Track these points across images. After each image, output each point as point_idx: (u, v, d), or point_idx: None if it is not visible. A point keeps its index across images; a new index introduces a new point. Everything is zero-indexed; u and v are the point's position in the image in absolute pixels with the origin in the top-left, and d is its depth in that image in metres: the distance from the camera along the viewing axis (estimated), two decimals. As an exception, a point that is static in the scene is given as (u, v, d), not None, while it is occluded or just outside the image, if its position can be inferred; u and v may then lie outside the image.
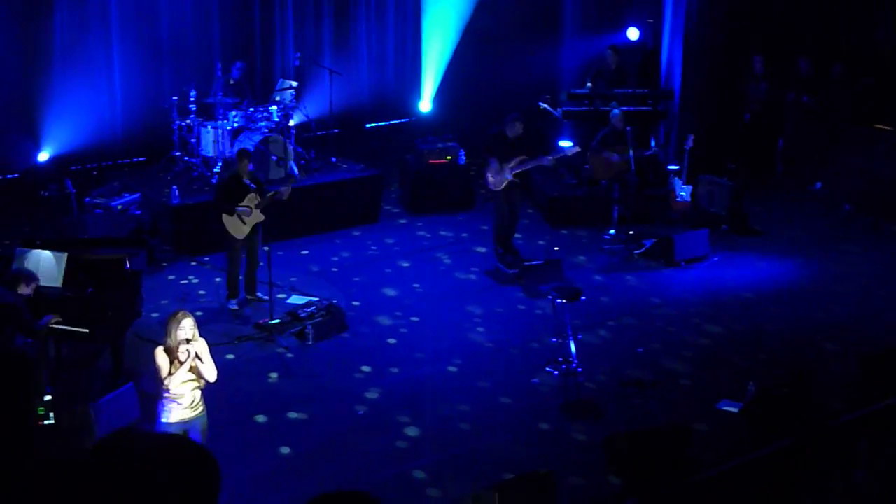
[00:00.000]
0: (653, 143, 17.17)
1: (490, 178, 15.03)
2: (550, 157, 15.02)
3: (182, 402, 8.75)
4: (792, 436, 9.61)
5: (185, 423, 8.77)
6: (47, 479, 3.27)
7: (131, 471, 3.08)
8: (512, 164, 14.77)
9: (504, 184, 14.88)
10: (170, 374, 8.69)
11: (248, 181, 13.20)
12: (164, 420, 8.77)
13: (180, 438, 3.27)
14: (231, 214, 13.11)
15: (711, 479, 9.22)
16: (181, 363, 8.70)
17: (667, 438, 9.52)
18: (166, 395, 8.73)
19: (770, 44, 18.79)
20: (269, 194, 13.30)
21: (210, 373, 8.79)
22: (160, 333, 12.40)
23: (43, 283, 10.83)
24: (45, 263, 11.01)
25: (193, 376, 8.75)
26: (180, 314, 8.85)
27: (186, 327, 8.73)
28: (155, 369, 8.71)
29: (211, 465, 3.20)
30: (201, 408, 8.89)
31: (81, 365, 11.68)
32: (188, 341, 8.71)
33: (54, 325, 10.67)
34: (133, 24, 18.09)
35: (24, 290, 10.16)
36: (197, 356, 8.73)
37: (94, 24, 17.77)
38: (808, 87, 18.53)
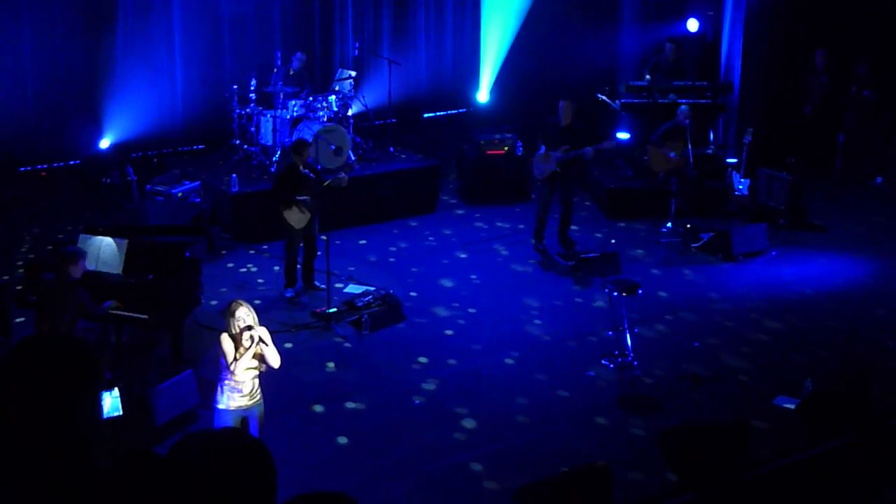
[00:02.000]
0: (710, 140, 17.04)
1: (535, 164, 15.02)
2: (591, 150, 14.93)
3: (243, 390, 8.77)
4: (850, 434, 9.52)
5: (244, 411, 8.81)
6: (116, 479, 3.27)
7: (194, 473, 3.09)
8: (558, 152, 14.74)
9: (548, 173, 14.85)
10: (235, 359, 8.67)
11: (306, 171, 13.24)
12: (222, 407, 8.78)
13: (238, 434, 3.27)
14: (290, 204, 13.16)
15: (768, 476, 9.16)
16: (246, 349, 8.70)
17: (723, 434, 9.45)
18: (227, 381, 8.74)
19: (831, 37, 18.58)
20: (327, 183, 13.32)
21: (274, 358, 8.78)
22: (219, 321, 12.56)
23: (104, 269, 10.94)
24: (107, 250, 11.11)
25: (256, 363, 8.77)
26: (233, 305, 8.82)
27: (241, 316, 8.71)
28: (220, 355, 8.69)
29: (268, 462, 3.20)
30: (259, 396, 8.92)
31: (141, 351, 11.79)
32: (250, 328, 8.72)
33: (114, 311, 10.76)
34: (195, 13, 18.23)
35: (74, 270, 10.13)
36: (261, 340, 8.74)
37: (156, 13, 17.92)
38: (869, 81, 18.31)
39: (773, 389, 11.32)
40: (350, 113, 17.19)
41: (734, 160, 17.08)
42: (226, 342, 8.68)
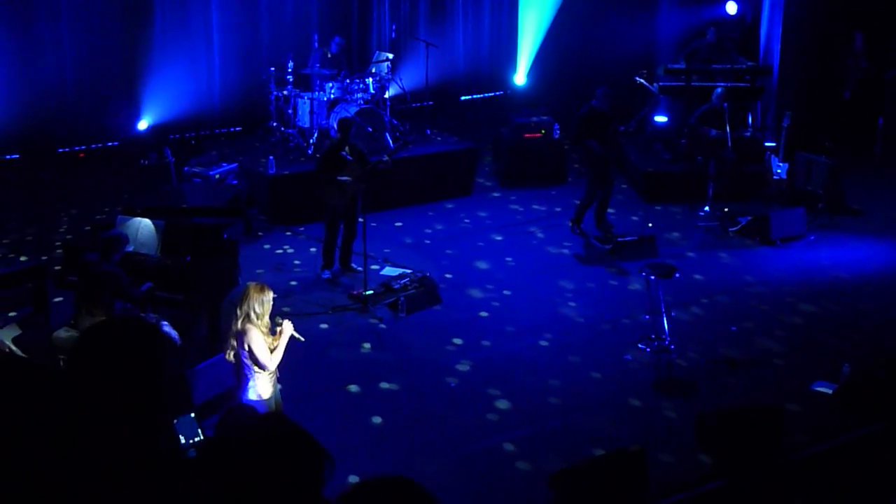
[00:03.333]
0: (749, 123, 16.95)
1: (592, 161, 14.99)
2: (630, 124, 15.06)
3: (273, 377, 8.72)
4: (888, 419, 9.46)
5: (272, 397, 8.75)
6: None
7: (243, 461, 3.12)
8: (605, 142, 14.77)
9: (605, 163, 14.87)
10: (271, 351, 8.54)
11: (347, 152, 13.23)
12: (254, 398, 8.56)
13: (287, 422, 3.28)
14: (331, 184, 13.16)
15: (803, 461, 9.12)
16: (277, 340, 8.58)
17: (759, 418, 9.42)
18: (260, 373, 8.57)
19: (871, 21, 18.42)
20: (371, 164, 13.32)
21: (280, 353, 8.61)
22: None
23: (141, 250, 11.01)
24: (144, 231, 11.17)
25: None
26: (260, 288, 8.50)
27: (271, 298, 8.56)
28: (255, 351, 8.42)
29: (318, 450, 3.22)
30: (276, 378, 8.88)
31: (178, 332, 11.84)
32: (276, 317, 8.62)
33: (153, 293, 10.82)
34: (233, -4, 18.28)
35: (117, 254, 10.23)
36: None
37: (194, -5, 17.99)
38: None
39: (809, 374, 11.26)
40: (387, 95, 17.20)
41: (773, 144, 16.98)
42: (256, 336, 8.41)
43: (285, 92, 16.83)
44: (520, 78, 21.50)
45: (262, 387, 8.63)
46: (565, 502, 8.48)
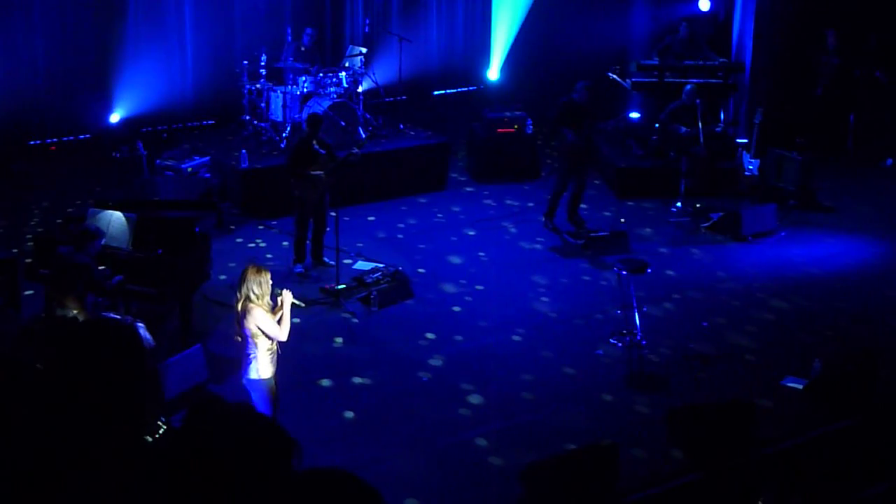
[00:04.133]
0: (721, 119, 16.99)
1: (565, 150, 15.00)
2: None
3: (273, 356, 8.87)
4: (858, 415, 9.52)
5: (273, 377, 8.92)
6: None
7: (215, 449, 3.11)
8: (580, 133, 14.78)
9: (578, 156, 14.88)
10: (279, 323, 8.75)
11: (317, 146, 13.21)
12: (259, 377, 8.81)
13: (255, 411, 3.28)
14: (302, 178, 13.13)
15: (775, 455, 9.16)
16: (281, 310, 8.79)
17: (730, 413, 9.45)
18: (262, 351, 8.75)
19: (842, 18, 18.49)
20: (341, 158, 13.30)
21: (287, 325, 8.86)
22: (228, 295, 12.57)
23: (113, 243, 10.95)
24: (116, 224, 11.12)
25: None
26: (258, 269, 8.76)
27: (269, 279, 8.76)
28: (263, 328, 8.65)
29: (284, 438, 3.22)
30: None
31: (150, 325, 11.79)
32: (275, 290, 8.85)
33: (124, 286, 10.79)
34: (205, -12, 18.20)
35: (92, 248, 10.21)
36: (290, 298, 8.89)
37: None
38: (880, 62, 18.24)
39: (780, 369, 11.32)
40: (360, 90, 17.16)
41: (745, 140, 17.04)
42: (260, 314, 8.64)
43: (258, 85, 16.77)
44: (493, 73, 21.50)
45: (263, 366, 8.80)
46: (536, 496, 8.50)
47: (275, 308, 8.82)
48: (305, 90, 16.41)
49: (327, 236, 13.48)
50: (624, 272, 11.76)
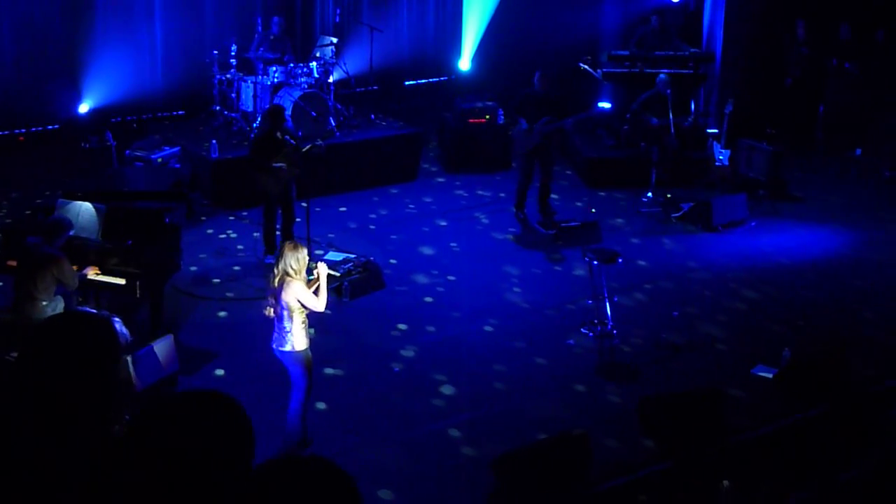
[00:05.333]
0: (692, 110, 17.04)
1: (518, 140, 15.03)
2: (571, 121, 15.03)
3: (307, 329, 9.20)
4: (826, 403, 9.60)
5: (308, 348, 9.25)
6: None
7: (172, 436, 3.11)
8: (539, 125, 14.74)
9: (532, 146, 14.86)
10: (316, 294, 9.11)
11: (281, 137, 13.16)
12: (301, 348, 9.13)
13: (218, 396, 3.27)
14: (265, 170, 13.10)
15: (745, 443, 9.23)
16: (315, 282, 9.21)
17: (701, 402, 9.52)
18: (299, 324, 9.06)
19: (812, 9, 18.59)
20: (305, 149, 13.28)
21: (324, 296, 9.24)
22: (199, 287, 12.56)
23: (83, 234, 10.90)
24: (86, 215, 11.06)
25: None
26: (295, 244, 9.16)
27: (304, 255, 9.09)
28: (301, 300, 8.99)
29: (245, 420, 3.22)
30: None
31: (120, 317, 11.75)
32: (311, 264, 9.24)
33: (94, 277, 10.75)
34: (175, -23, 18.11)
35: (61, 239, 10.16)
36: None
37: (136, -23, 17.80)
38: (850, 53, 18.36)
39: (751, 358, 11.38)
40: (331, 80, 17.13)
41: (715, 130, 17.11)
42: (298, 287, 8.98)
43: (228, 76, 16.71)
44: (464, 63, 21.49)
45: (298, 338, 9.10)
46: (508, 486, 8.54)
47: (310, 281, 9.22)
48: (276, 80, 16.38)
49: (298, 227, 13.46)
50: (595, 262, 11.79)
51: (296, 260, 8.98)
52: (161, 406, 3.20)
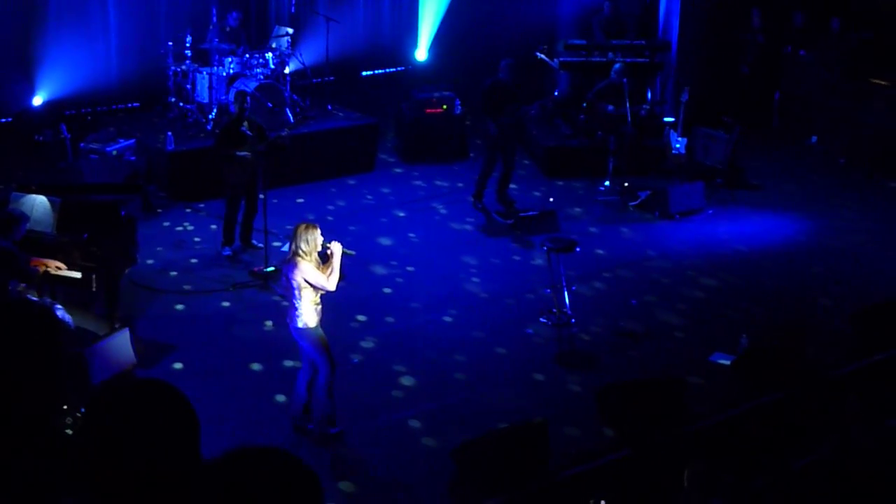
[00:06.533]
0: (648, 98, 17.09)
1: (493, 134, 15.07)
2: (536, 106, 15.18)
3: (318, 306, 9.37)
4: (784, 389, 9.67)
5: (319, 325, 9.43)
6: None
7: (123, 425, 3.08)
8: (506, 116, 14.78)
9: (502, 138, 14.93)
10: (328, 275, 9.25)
11: (246, 127, 13.11)
12: (301, 326, 9.32)
13: (163, 385, 3.24)
14: (230, 160, 13.04)
15: (703, 430, 9.29)
16: (330, 262, 9.31)
17: (660, 390, 9.58)
18: (309, 302, 9.25)
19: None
20: (270, 139, 13.23)
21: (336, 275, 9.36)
22: (156, 280, 12.50)
23: (37, 228, 10.81)
24: (40, 208, 10.98)
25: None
26: (307, 226, 9.30)
27: (316, 236, 9.25)
28: (310, 279, 9.14)
29: (187, 408, 3.18)
30: None
31: (76, 311, 11.67)
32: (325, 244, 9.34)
33: (48, 271, 10.66)
34: (129, -32, 17.95)
35: (15, 233, 10.07)
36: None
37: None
38: (805, 41, 18.48)
39: (709, 346, 11.46)
40: (287, 71, 17.05)
41: (671, 119, 17.17)
42: (307, 266, 9.13)
43: (184, 67, 16.59)
44: (421, 53, 21.45)
45: (307, 316, 9.28)
46: (468, 474, 8.56)
47: (325, 263, 9.34)
48: (231, 71, 16.29)
49: (256, 219, 13.41)
50: (554, 251, 11.83)
51: (306, 241, 9.16)
52: (98, 396, 3.17)
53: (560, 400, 10.45)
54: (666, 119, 17.49)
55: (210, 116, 16.11)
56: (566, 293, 11.92)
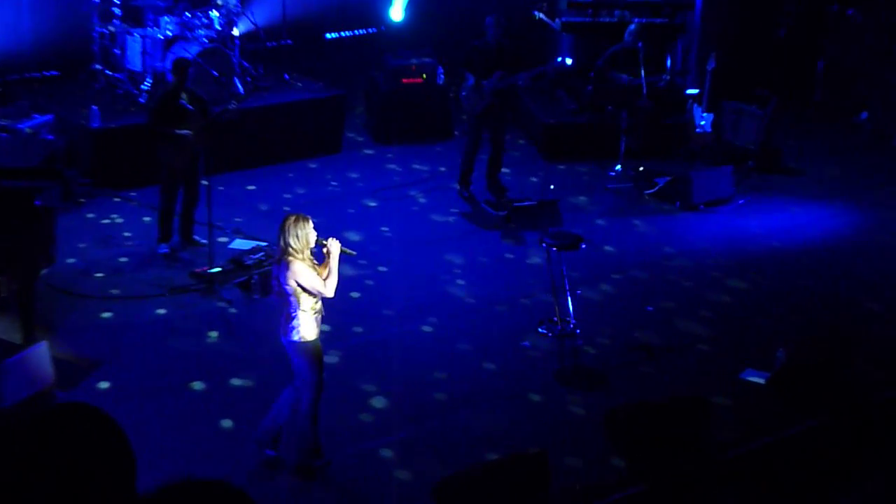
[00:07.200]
0: (668, 66, 17.12)
1: (466, 98, 15.05)
2: (525, 75, 15.04)
3: (318, 316, 9.29)
4: (827, 412, 9.69)
5: (317, 339, 9.34)
6: None
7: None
8: (492, 81, 14.76)
9: (482, 107, 14.88)
10: (325, 278, 9.17)
11: (186, 100, 13.09)
12: (297, 339, 9.20)
13: (86, 409, 3.24)
14: (167, 139, 13.01)
15: (732, 461, 9.30)
16: (327, 264, 9.23)
17: (680, 413, 9.58)
18: (307, 311, 9.16)
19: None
20: (215, 114, 13.20)
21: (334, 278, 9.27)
22: (79, 283, 12.47)
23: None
24: (-60, 198, 10.97)
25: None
26: (298, 217, 9.22)
27: (312, 228, 9.20)
28: (304, 283, 9.05)
29: (121, 438, 3.19)
30: None
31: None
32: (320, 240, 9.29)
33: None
34: None
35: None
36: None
37: None
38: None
39: (739, 361, 11.47)
40: (236, 33, 17.02)
41: (695, 91, 17.19)
42: (300, 267, 9.05)
43: (111, 28, 16.57)
44: (396, 12, 21.43)
45: (305, 327, 9.18)
46: (452, 516, 8.54)
47: (321, 262, 9.32)
48: (169, 33, 16.25)
49: (198, 210, 13.40)
50: (554, 248, 11.84)
51: (295, 237, 9.11)
52: (9, 423, 3.18)
53: (561, 425, 10.46)
54: (689, 91, 17.50)
55: (143, 87, 16.09)
56: (569, 298, 11.93)
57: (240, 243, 13.65)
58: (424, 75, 17.63)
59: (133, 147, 14.73)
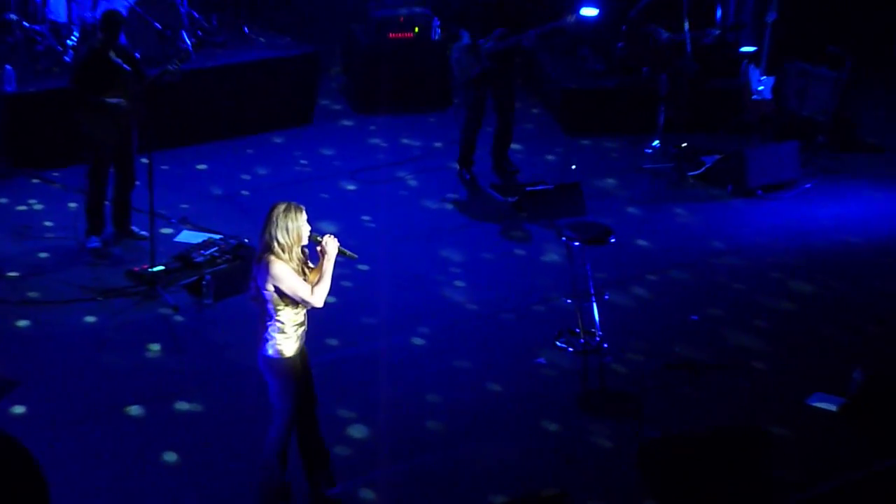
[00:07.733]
0: (718, 19, 17.14)
1: (457, 60, 15.03)
2: (534, 33, 14.96)
3: (299, 330, 9.21)
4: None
5: (297, 355, 9.23)
6: None
7: None
8: (490, 41, 14.74)
9: (477, 72, 14.88)
10: (314, 285, 9.08)
11: (117, 59, 13.08)
12: (273, 354, 9.14)
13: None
14: (96, 108, 13.02)
15: (796, 505, 9.33)
16: (321, 267, 9.15)
17: (730, 447, 9.59)
18: (288, 322, 9.11)
19: None
20: (152, 77, 13.21)
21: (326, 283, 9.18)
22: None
23: None
24: None
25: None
26: (289, 206, 9.17)
27: (305, 222, 9.11)
28: (285, 289, 8.96)
29: (35, 475, 3.22)
30: None
31: None
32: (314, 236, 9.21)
33: None
34: None
35: None
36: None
37: None
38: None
39: (805, 383, 11.48)
40: (184, -25, 17.07)
41: (752, 49, 17.21)
42: (282, 270, 8.94)
43: (30, -31, 16.63)
44: (382, -49, 21.53)
45: (283, 341, 9.12)
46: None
47: (315, 263, 9.27)
48: (101, -24, 16.30)
49: (136, 194, 13.40)
50: (576, 243, 11.84)
51: (286, 229, 9.03)
52: None
53: (584, 460, 10.47)
54: (743, 49, 17.51)
55: (69, 42, 16.10)
56: (594, 305, 11.93)
57: (188, 236, 13.68)
58: (416, 29, 17.66)
59: (56, 117, 14.73)
